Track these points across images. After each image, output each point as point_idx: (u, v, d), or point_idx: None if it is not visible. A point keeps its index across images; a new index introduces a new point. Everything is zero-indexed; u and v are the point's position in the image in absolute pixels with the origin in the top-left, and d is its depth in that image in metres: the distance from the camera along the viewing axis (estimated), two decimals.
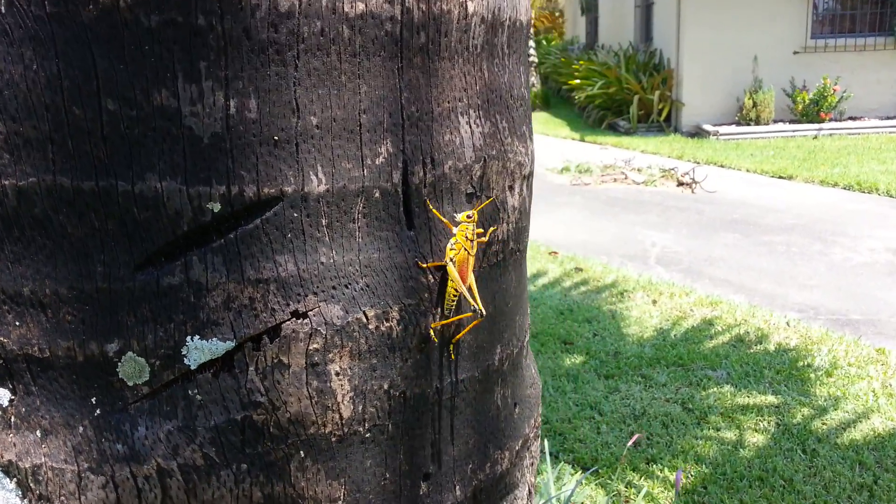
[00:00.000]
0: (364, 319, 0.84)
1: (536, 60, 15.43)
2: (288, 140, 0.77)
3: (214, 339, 0.78)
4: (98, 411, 0.80)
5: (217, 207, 0.76)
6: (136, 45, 0.71)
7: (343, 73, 0.78)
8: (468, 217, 0.88)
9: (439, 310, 0.90)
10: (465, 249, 0.88)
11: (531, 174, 1.07)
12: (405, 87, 0.83)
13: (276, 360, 0.81)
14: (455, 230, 0.88)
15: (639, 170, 8.64)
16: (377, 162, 0.83)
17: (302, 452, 0.83)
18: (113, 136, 0.73)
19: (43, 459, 0.81)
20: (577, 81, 12.04)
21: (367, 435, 0.87)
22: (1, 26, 0.70)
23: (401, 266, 0.86)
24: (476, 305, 0.89)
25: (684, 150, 9.81)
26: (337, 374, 0.83)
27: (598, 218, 7.37)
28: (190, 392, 0.80)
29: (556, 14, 16.65)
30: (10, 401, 0.83)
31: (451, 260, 0.88)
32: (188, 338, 0.78)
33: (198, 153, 0.74)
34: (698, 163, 9.06)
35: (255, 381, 0.80)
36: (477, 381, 0.97)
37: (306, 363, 0.81)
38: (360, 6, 0.77)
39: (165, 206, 0.75)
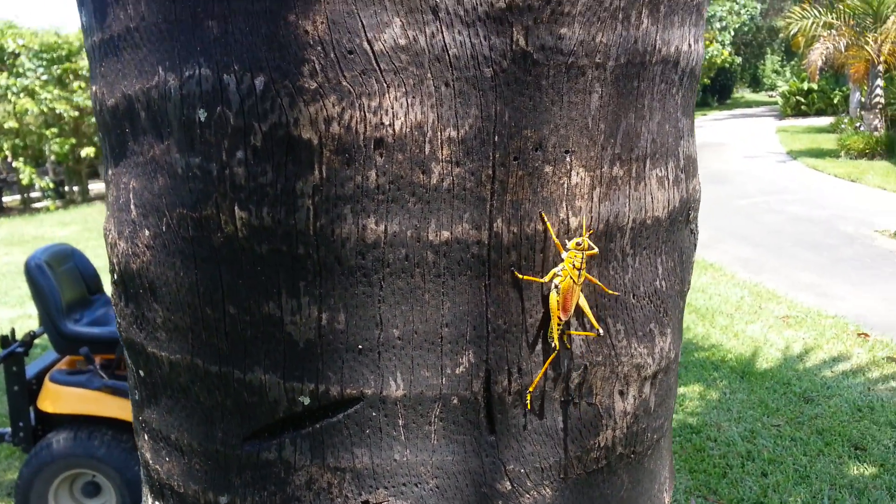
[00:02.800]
0: None
1: (883, 101, 13.55)
2: (371, 349, 0.85)
3: None
4: None
5: (307, 401, 0.87)
6: (251, 266, 0.84)
7: (426, 292, 0.84)
8: (577, 245, 0.86)
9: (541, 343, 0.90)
10: (571, 278, 0.86)
11: (665, 370, 1.01)
12: (492, 302, 0.86)
13: None
14: (564, 255, 0.86)
15: None
16: (457, 371, 0.86)
17: None
18: (232, 333, 0.87)
19: None
20: None
21: None
22: (162, 241, 0.89)
23: (475, 471, 0.89)
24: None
25: None
26: None
27: None
28: None
29: None
30: None
31: (556, 287, 0.86)
32: None
33: (294, 355, 0.86)
34: None
35: None
36: None
37: None
38: (445, 234, 0.82)
39: (267, 395, 0.88)
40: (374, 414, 0.86)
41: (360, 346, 0.85)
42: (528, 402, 0.89)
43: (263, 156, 0.80)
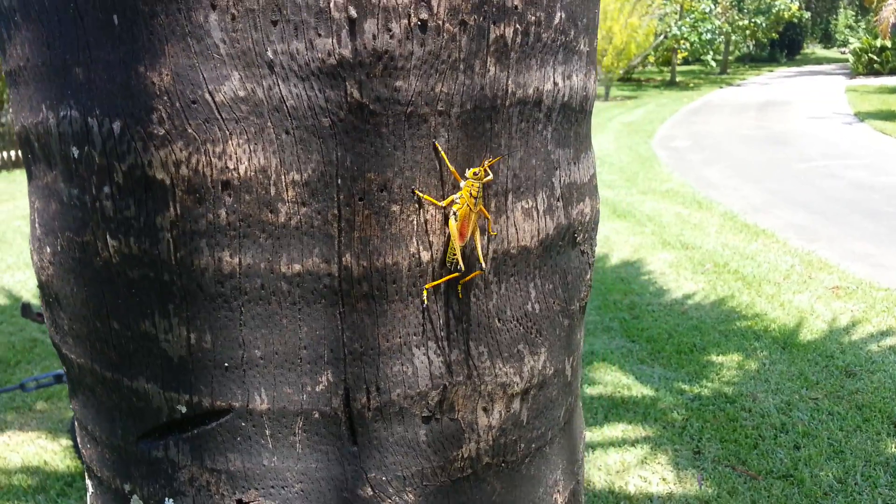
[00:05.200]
0: None
1: None
2: (236, 366, 0.93)
3: None
4: None
5: (184, 409, 0.96)
6: (126, 288, 0.93)
7: (284, 317, 0.91)
8: (475, 174, 0.91)
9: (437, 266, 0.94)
10: (468, 205, 0.91)
11: (540, 385, 1.06)
12: (347, 328, 0.92)
13: None
14: (462, 184, 0.91)
15: None
16: (317, 389, 0.94)
17: None
18: (118, 345, 0.97)
19: None
20: None
21: None
22: (59, 259, 0.98)
23: (337, 478, 0.97)
24: (480, 261, 0.92)
25: None
26: None
27: None
28: None
29: None
30: (91, 493, 1.15)
31: (454, 213, 0.92)
32: (166, 498, 1.00)
33: (170, 368, 0.95)
34: None
35: None
36: None
37: None
38: (297, 267, 0.89)
39: (151, 401, 0.97)
40: (243, 424, 0.95)
41: (226, 364, 0.93)
42: (425, 297, 0.94)
43: (126, 192, 0.88)
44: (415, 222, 0.91)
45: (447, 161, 0.90)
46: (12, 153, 12.93)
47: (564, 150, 1.02)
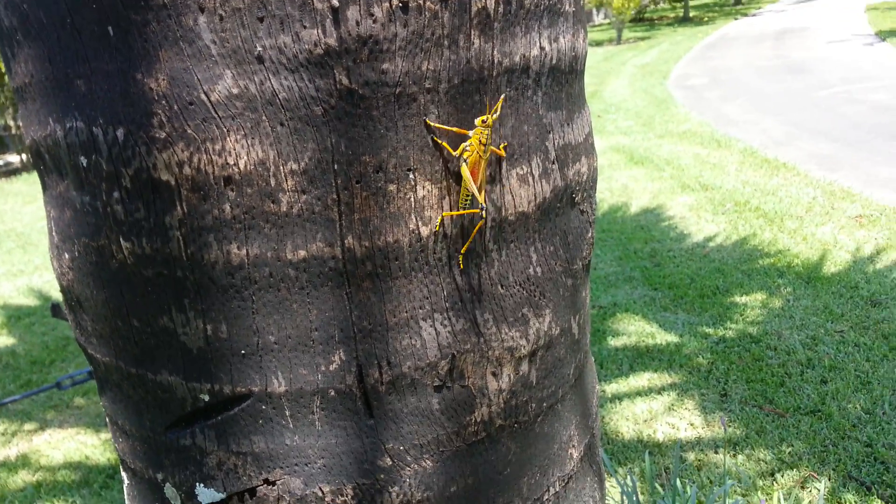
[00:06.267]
0: (320, 493, 1.02)
1: None
2: (252, 353, 0.97)
3: (212, 489, 1.04)
4: None
5: (207, 398, 1.00)
6: (143, 286, 0.97)
7: (294, 302, 0.95)
8: (483, 122, 0.93)
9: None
10: (478, 153, 0.94)
11: (547, 346, 1.09)
12: (355, 308, 0.96)
13: None
14: (471, 133, 0.94)
15: None
16: (331, 368, 0.98)
17: None
18: (140, 342, 1.01)
19: None
20: None
21: None
22: (77, 264, 1.02)
23: (357, 451, 1.01)
24: (479, 202, 0.95)
25: None
26: None
27: None
28: None
29: None
30: (128, 484, 1.21)
31: (465, 160, 0.95)
32: (197, 483, 1.06)
33: (190, 360, 0.99)
34: None
35: None
36: None
37: None
38: (302, 253, 0.92)
39: (175, 392, 1.02)
40: (263, 407, 0.99)
41: (242, 352, 0.97)
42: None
43: (135, 195, 0.91)
44: (412, 199, 0.93)
45: (445, 128, 0.92)
46: None
47: (557, 113, 1.04)
